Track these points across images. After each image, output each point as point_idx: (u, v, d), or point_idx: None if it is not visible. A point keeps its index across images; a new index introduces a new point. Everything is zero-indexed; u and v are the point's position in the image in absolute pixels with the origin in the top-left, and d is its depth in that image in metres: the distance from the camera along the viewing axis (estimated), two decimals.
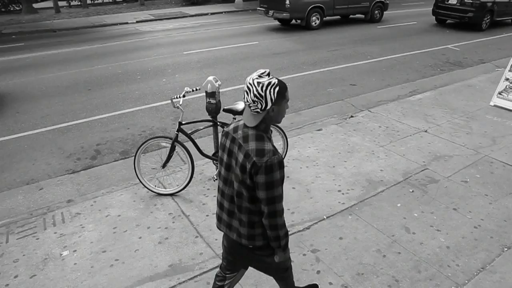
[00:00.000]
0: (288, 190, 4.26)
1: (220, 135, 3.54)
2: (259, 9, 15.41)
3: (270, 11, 14.38)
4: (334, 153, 5.05)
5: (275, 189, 1.90)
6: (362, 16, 16.37)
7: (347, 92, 7.65)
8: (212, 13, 19.93)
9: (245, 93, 1.91)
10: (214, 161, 4.41)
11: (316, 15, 14.36)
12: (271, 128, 4.44)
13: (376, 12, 16.24)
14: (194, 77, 8.54)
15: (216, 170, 4.41)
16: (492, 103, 6.87)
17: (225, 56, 10.39)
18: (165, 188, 4.32)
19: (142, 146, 4.08)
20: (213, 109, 4.12)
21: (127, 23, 17.37)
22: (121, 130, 6.07)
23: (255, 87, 1.87)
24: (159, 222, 3.80)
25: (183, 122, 4.09)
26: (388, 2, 16.54)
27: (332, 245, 3.46)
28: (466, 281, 3.11)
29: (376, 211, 3.89)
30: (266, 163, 1.85)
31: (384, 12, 16.69)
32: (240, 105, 4.17)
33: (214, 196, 4.19)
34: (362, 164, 4.79)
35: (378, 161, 4.88)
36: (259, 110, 1.91)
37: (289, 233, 3.57)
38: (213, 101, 4.08)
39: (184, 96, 4.00)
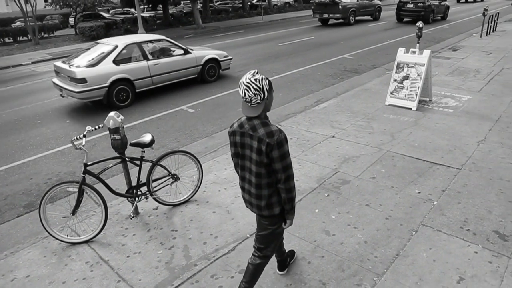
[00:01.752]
0: (209, 215, 4.22)
1: (134, 169, 3.41)
2: (313, 15, 22.95)
3: (324, 14, 22.08)
4: None
5: (287, 158, 2.45)
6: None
7: None
8: None
9: (245, 91, 2.34)
10: (129, 199, 4.22)
11: (353, 14, 22.12)
12: (185, 157, 4.41)
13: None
14: (100, 115, 8.15)
15: (132, 207, 4.22)
16: (387, 103, 7.55)
17: None
18: (79, 236, 4.01)
19: (46, 195, 3.77)
20: (119, 145, 3.96)
21: (21, 64, 16.16)
22: (23, 181, 5.55)
23: (253, 83, 2.33)
24: (75, 273, 3.51)
25: (89, 163, 3.87)
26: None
27: None
28: (385, 270, 3.31)
29: (296, 221, 4.00)
30: (277, 140, 2.38)
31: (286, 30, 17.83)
32: (147, 137, 4.07)
33: (134, 234, 4.00)
34: None
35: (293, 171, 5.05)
36: (259, 100, 2.37)
37: (214, 257, 3.56)
38: (117, 137, 3.92)
39: (85, 136, 3.80)
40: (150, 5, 31.94)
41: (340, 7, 21.30)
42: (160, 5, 30.79)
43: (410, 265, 3.37)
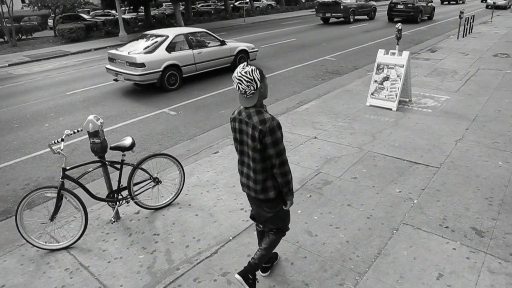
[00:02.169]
0: (191, 218, 4.19)
1: (115, 173, 3.37)
2: (316, 14, 25.05)
3: (327, 14, 24.02)
4: (233, 173, 5.12)
5: (280, 145, 2.61)
6: None
7: None
8: (95, 49, 19.11)
9: (239, 84, 2.52)
10: (110, 203, 4.16)
11: (353, 13, 23.97)
12: (167, 160, 4.37)
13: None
14: (81, 118, 8.02)
15: (113, 212, 4.16)
16: (368, 104, 7.65)
17: (113, 92, 9.99)
18: (58, 242, 3.93)
19: (24, 201, 3.69)
20: (99, 149, 3.90)
21: None
22: None
23: (244, 76, 2.50)
24: (54, 281, 3.43)
25: (68, 168, 3.80)
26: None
27: (242, 264, 3.46)
28: (367, 269, 3.35)
29: None
30: (269, 127, 2.54)
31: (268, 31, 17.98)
32: (127, 141, 4.02)
33: (115, 239, 3.94)
34: None
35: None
36: (253, 91, 2.54)
37: (197, 261, 3.53)
38: (97, 140, 3.86)
39: (63, 140, 3.73)
40: (132, 7, 31.60)
41: (342, 7, 23.32)
42: (141, 7, 30.51)
43: (391, 263, 3.41)
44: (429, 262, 3.40)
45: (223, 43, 10.90)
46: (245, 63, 2.57)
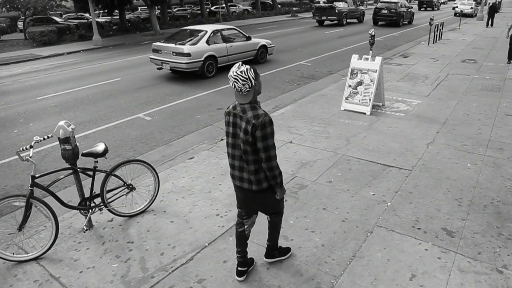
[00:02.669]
0: (166, 225, 4.14)
1: (88, 180, 3.28)
2: (313, 17, 28.01)
3: (323, 17, 26.48)
4: (209, 178, 5.10)
5: (269, 140, 2.76)
6: None
7: (214, 117, 7.85)
8: (68, 53, 18.68)
9: (234, 83, 2.70)
10: (82, 211, 4.06)
11: (345, 17, 26.68)
12: (141, 166, 4.31)
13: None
14: (52, 124, 7.80)
15: (86, 220, 4.06)
16: (342, 108, 7.77)
17: (86, 97, 9.78)
18: (27, 253, 3.79)
19: None
20: (70, 156, 3.79)
21: None
22: None
23: (240, 75, 2.68)
24: None
25: (37, 175, 3.68)
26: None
27: (217, 270, 3.44)
28: (342, 272, 3.39)
29: (254, 227, 3.99)
30: (261, 122, 2.70)
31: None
32: (100, 147, 3.94)
33: (87, 248, 3.84)
34: None
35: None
36: (249, 88, 2.72)
37: (172, 268, 3.48)
38: (68, 147, 3.76)
39: (32, 146, 3.61)
40: (106, 11, 31.06)
41: (336, 11, 26.06)
42: (116, 11, 30.04)
43: (365, 265, 3.46)
44: (403, 263, 3.47)
45: (248, 38, 12.75)
46: (240, 62, 2.77)
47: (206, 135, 6.78)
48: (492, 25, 24.14)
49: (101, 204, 4.11)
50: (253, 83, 2.71)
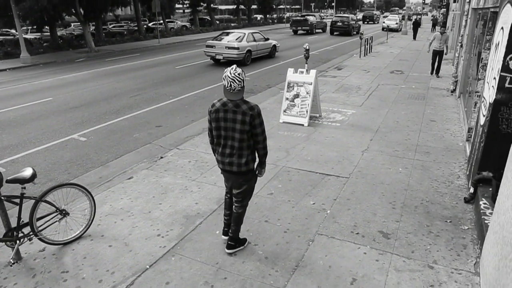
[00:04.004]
0: (104, 250, 3.93)
1: (15, 208, 3.04)
2: (290, 27, 35.51)
3: (298, 27, 34.49)
4: (148, 198, 4.95)
5: (263, 125, 3.40)
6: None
7: (154, 135, 7.68)
8: None
9: (231, 83, 3.20)
10: (8, 243, 3.74)
11: (315, 27, 35.15)
12: (75, 189, 4.09)
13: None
14: None
15: (13, 252, 3.74)
16: (281, 120, 7.95)
17: (14, 119, 9.12)
18: None
19: None
20: None
21: None
22: None
23: (237, 76, 3.21)
24: None
25: None
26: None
27: None
28: (286, 283, 3.42)
29: (197, 245, 3.95)
30: (257, 112, 3.32)
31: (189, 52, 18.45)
32: (27, 172, 3.69)
33: (15, 284, 3.53)
34: (177, 202, 4.83)
35: (192, 195, 5.01)
36: (240, 88, 3.24)
37: None
38: None
39: None
40: (35, 27, 29.39)
41: (309, 22, 34.12)
42: (46, 27, 28.53)
43: (308, 274, 3.52)
44: (343, 269, 3.58)
45: (267, 39, 17.93)
46: (235, 65, 3.33)
47: (145, 153, 6.59)
48: (415, 38, 26.31)
49: (31, 233, 3.82)
50: (244, 83, 3.25)
